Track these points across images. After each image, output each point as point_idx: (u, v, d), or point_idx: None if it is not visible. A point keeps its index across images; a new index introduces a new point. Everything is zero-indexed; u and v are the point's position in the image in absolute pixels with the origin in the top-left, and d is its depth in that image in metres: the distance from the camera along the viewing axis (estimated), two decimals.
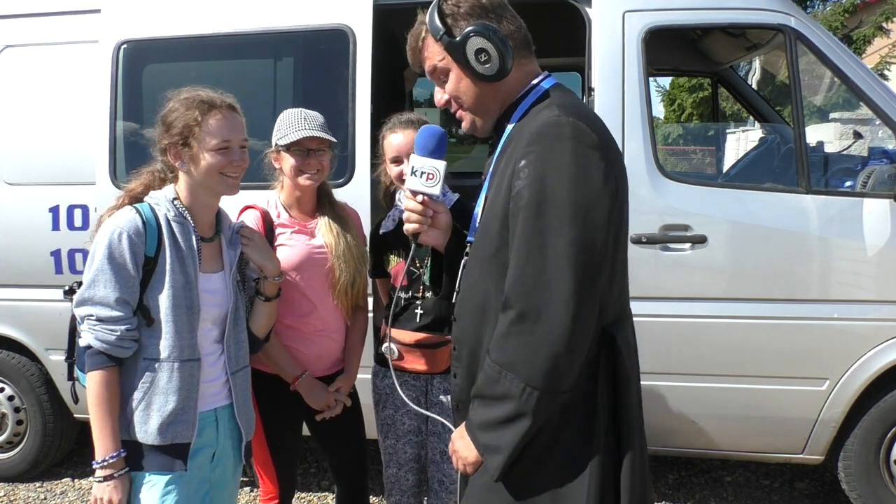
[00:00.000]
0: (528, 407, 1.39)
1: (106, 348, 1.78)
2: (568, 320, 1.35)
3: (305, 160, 2.26)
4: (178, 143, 1.86)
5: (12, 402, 3.74)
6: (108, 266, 1.78)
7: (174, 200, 1.89)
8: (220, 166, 1.86)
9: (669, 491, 3.70)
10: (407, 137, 2.32)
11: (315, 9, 3.27)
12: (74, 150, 3.45)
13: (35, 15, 3.56)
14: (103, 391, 1.78)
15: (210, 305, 1.91)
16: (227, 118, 1.88)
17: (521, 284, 1.39)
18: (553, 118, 1.42)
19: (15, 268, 3.52)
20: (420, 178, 1.68)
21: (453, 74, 1.56)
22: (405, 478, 2.46)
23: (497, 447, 1.44)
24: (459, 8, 1.51)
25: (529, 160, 1.40)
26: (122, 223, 1.80)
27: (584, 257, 1.36)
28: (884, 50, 12.03)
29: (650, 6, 3.08)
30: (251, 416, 2.08)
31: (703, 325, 3.07)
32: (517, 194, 1.41)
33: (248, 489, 3.67)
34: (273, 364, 2.31)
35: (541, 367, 1.37)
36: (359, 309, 2.46)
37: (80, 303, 1.82)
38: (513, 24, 1.55)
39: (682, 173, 5.49)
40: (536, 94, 1.55)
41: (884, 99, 2.98)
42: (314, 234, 2.35)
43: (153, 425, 1.80)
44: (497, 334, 1.43)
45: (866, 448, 3.08)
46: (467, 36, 1.48)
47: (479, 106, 1.58)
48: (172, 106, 1.89)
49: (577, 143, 1.39)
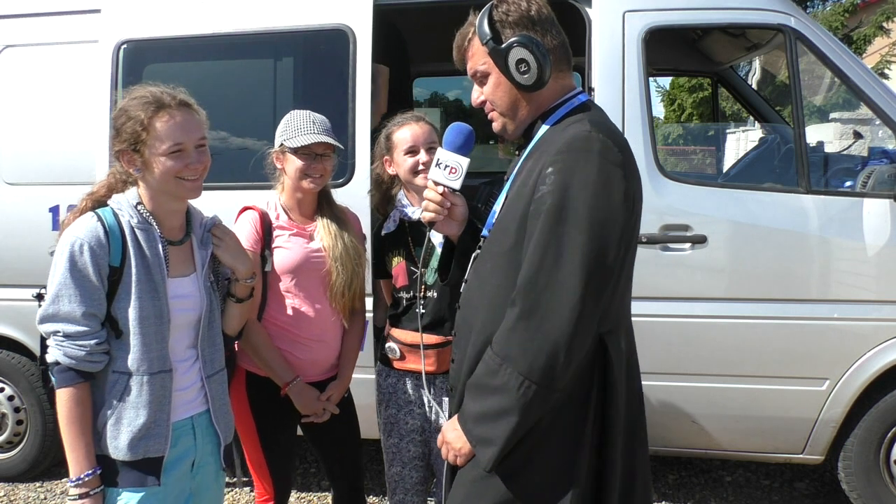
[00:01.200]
0: (524, 400, 1.45)
1: (75, 364, 1.69)
2: (572, 323, 1.42)
3: (311, 164, 2.25)
4: (129, 149, 1.74)
5: (12, 402, 3.74)
6: (70, 280, 1.68)
7: (137, 205, 1.78)
8: (175, 171, 1.73)
9: (669, 491, 3.70)
10: (422, 128, 2.33)
11: (315, 9, 3.27)
12: (74, 149, 3.45)
13: (35, 15, 3.56)
14: (75, 408, 1.70)
15: (181, 311, 1.82)
16: (179, 118, 1.74)
17: (532, 283, 1.45)
18: (584, 132, 1.49)
19: (15, 268, 3.52)
20: (444, 171, 1.75)
21: (492, 79, 1.63)
22: (409, 476, 2.46)
23: (490, 439, 1.50)
24: (508, 17, 1.58)
25: (556, 168, 1.47)
26: (82, 233, 1.70)
27: (594, 267, 1.43)
28: (884, 50, 12.03)
29: (650, 6, 3.08)
30: (229, 419, 2.00)
31: (703, 325, 3.07)
32: (540, 198, 1.48)
33: (248, 489, 3.67)
34: (265, 367, 2.29)
35: (540, 363, 1.43)
36: (355, 312, 2.44)
37: (44, 319, 1.72)
38: (556, 39, 1.61)
39: (682, 173, 5.49)
40: (572, 105, 1.63)
41: (884, 99, 2.98)
42: (312, 238, 2.33)
43: (123, 440, 1.72)
44: (503, 328, 1.49)
45: (866, 448, 3.08)
46: (511, 45, 1.55)
47: (512, 112, 1.65)
48: (122, 107, 1.76)
49: (604, 159, 1.46)
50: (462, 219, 1.81)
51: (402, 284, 2.41)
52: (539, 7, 1.60)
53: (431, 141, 2.35)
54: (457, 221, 1.81)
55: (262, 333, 2.28)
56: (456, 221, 1.81)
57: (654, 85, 17.45)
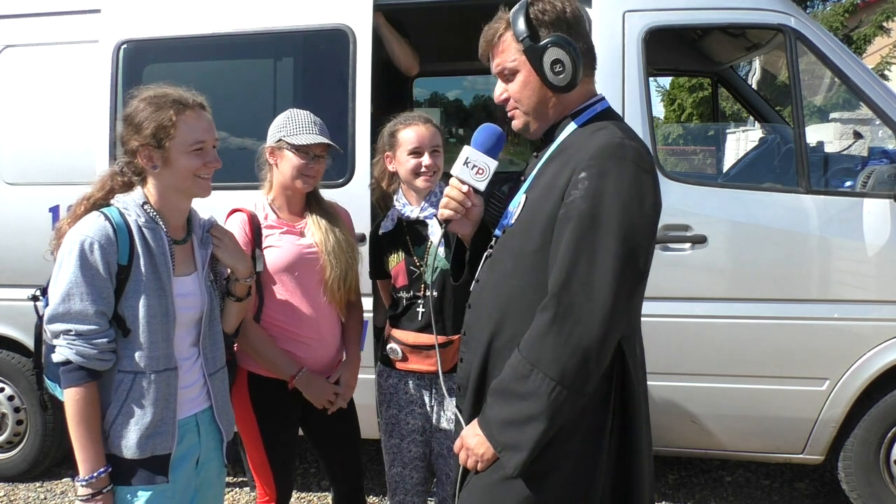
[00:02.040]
0: (555, 406, 1.45)
1: (86, 363, 1.70)
2: (604, 327, 1.43)
3: (309, 164, 2.26)
4: (151, 145, 1.78)
5: (12, 402, 3.74)
6: (81, 278, 1.69)
7: (144, 205, 1.81)
8: (195, 168, 1.80)
9: (669, 491, 3.70)
10: (429, 130, 2.33)
11: (315, 9, 3.27)
12: (74, 149, 3.45)
13: (35, 15, 3.56)
14: (85, 407, 1.71)
15: (185, 309, 1.84)
16: (201, 118, 1.82)
17: (566, 288, 1.45)
18: (617, 139, 1.51)
19: (15, 268, 3.52)
20: (471, 171, 1.74)
21: (521, 76, 1.62)
22: (410, 476, 2.46)
23: (518, 444, 1.49)
24: (545, 16, 1.58)
25: (591, 173, 1.47)
26: (91, 231, 1.72)
27: (627, 273, 1.45)
28: (884, 50, 12.02)
29: (650, 6, 3.08)
30: (231, 416, 2.04)
31: (704, 325, 3.07)
32: (572, 202, 1.48)
33: (248, 489, 3.67)
34: (268, 364, 2.29)
35: (573, 368, 1.44)
36: (352, 305, 2.44)
37: (53, 318, 1.72)
38: (586, 43, 1.63)
39: (682, 173, 5.49)
40: (596, 111, 1.64)
41: (884, 99, 2.98)
42: (303, 234, 2.33)
43: (132, 439, 1.74)
44: (533, 332, 1.49)
45: (866, 448, 3.08)
46: (548, 45, 1.55)
47: (538, 111, 1.65)
48: (139, 105, 1.80)
49: (637, 167, 1.48)
50: (477, 219, 1.82)
51: (402, 284, 2.41)
52: (573, 9, 1.61)
53: (436, 144, 2.35)
54: (471, 221, 1.81)
55: (259, 332, 2.28)
56: (471, 221, 1.81)
57: (654, 85, 17.43)
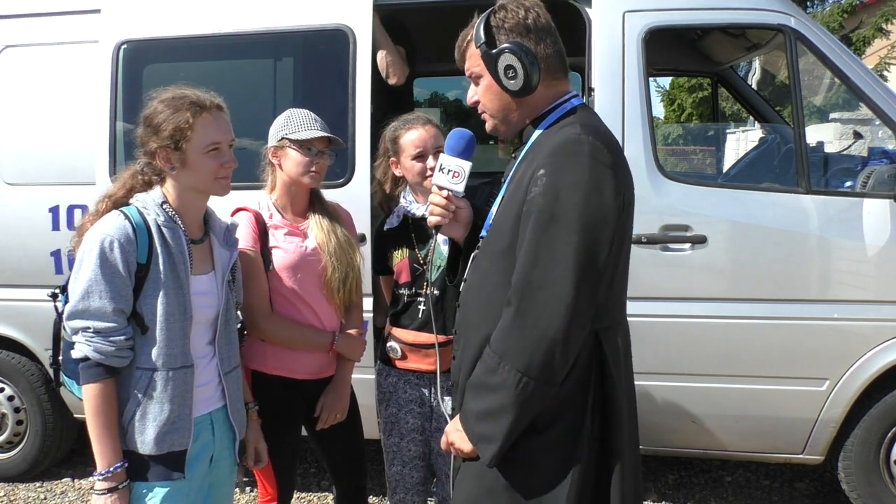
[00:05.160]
0: (523, 396, 1.49)
1: (104, 359, 1.73)
2: (566, 319, 1.46)
3: (313, 159, 2.27)
4: (169, 147, 1.81)
5: (12, 402, 3.74)
6: (101, 276, 1.72)
7: (163, 204, 1.84)
8: (212, 169, 1.83)
9: (669, 491, 3.70)
10: (429, 132, 2.33)
11: (315, 9, 3.27)
12: (74, 150, 3.45)
13: (35, 15, 3.56)
14: (102, 403, 1.74)
15: (202, 308, 1.88)
16: (218, 119, 1.86)
17: (527, 283, 1.49)
18: (574, 135, 1.53)
19: (15, 268, 3.52)
20: (447, 176, 1.79)
21: (483, 81, 1.67)
22: (410, 475, 2.46)
23: (491, 436, 1.54)
24: (505, 23, 1.61)
25: (548, 170, 1.51)
26: (111, 230, 1.75)
27: (586, 266, 1.47)
28: (883, 51, 12.02)
29: (650, 6, 3.08)
30: (244, 414, 2.08)
31: (703, 325, 3.07)
32: (532, 199, 1.52)
33: (248, 489, 3.67)
34: (304, 344, 2.31)
35: (538, 359, 1.47)
36: (353, 306, 2.44)
37: (73, 315, 1.75)
38: (551, 47, 1.64)
39: (682, 173, 5.49)
40: (564, 110, 1.66)
41: (884, 99, 2.98)
42: (307, 236, 2.34)
43: (150, 434, 1.77)
44: (500, 326, 1.53)
45: (866, 448, 3.08)
46: (501, 51, 1.59)
47: (503, 114, 1.69)
48: (158, 107, 1.84)
49: (594, 160, 1.50)
50: (467, 221, 1.85)
51: (404, 280, 2.42)
52: (537, 15, 1.63)
53: (439, 144, 2.35)
54: (462, 224, 1.85)
55: (283, 320, 2.29)
56: (461, 224, 1.85)
57: (654, 85, 17.45)
